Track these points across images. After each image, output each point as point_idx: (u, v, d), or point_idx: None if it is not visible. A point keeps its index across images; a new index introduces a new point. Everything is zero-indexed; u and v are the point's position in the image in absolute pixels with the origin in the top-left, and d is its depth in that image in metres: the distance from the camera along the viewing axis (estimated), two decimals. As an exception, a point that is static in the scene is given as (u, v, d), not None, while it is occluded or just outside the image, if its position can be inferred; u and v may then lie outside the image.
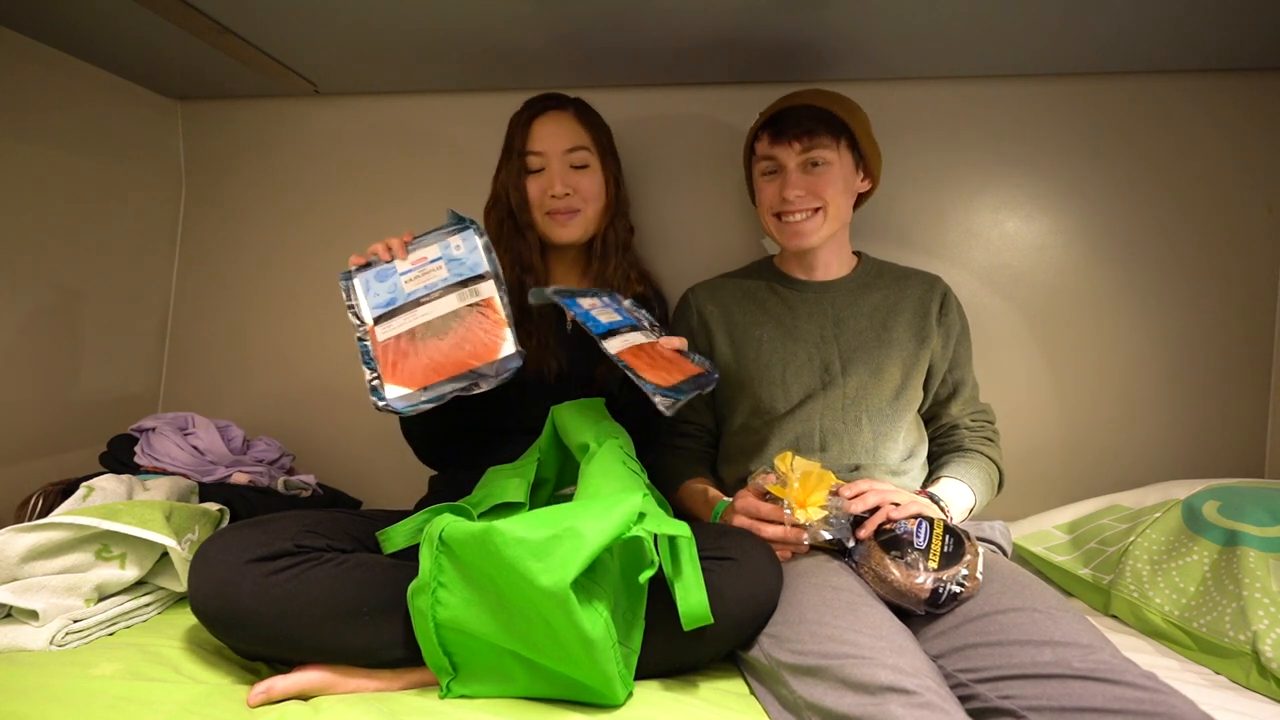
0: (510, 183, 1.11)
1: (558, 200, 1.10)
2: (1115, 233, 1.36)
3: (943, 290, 1.16)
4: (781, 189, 1.08)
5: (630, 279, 1.17)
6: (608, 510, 0.72)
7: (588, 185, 1.12)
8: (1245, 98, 1.32)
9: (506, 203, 1.12)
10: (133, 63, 1.36)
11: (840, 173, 1.08)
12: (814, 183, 1.07)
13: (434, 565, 0.74)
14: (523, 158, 1.10)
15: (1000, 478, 1.14)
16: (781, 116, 1.07)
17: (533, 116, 1.11)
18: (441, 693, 0.76)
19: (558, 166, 1.10)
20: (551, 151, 1.10)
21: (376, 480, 1.49)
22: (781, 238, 1.12)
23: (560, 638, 0.69)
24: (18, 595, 0.84)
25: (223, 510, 1.08)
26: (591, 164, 1.12)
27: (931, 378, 1.14)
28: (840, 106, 1.08)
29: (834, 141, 1.06)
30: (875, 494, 0.92)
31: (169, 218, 1.57)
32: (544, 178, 1.10)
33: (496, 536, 0.70)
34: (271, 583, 0.76)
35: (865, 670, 0.66)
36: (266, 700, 0.74)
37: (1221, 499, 1.00)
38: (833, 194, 1.07)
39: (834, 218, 1.09)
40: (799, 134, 1.06)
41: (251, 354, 1.57)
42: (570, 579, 0.66)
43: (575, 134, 1.11)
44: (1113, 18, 1.13)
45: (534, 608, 0.70)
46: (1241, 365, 1.34)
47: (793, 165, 1.07)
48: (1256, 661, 0.81)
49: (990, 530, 1.04)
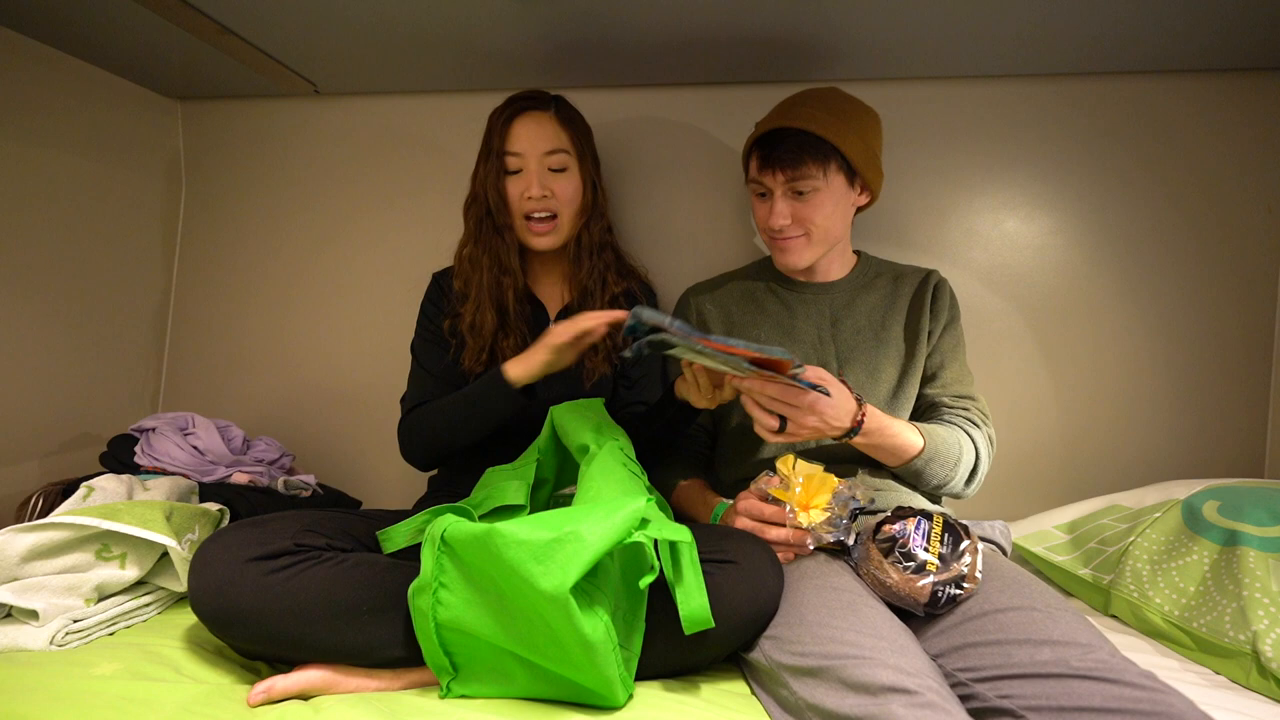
0: (489, 182, 1.10)
1: (534, 202, 1.09)
2: (1115, 233, 1.36)
3: (936, 280, 1.16)
4: (768, 215, 1.07)
5: (608, 281, 1.17)
6: (610, 514, 0.72)
7: (565, 188, 1.11)
8: (1245, 98, 1.32)
9: (485, 202, 1.11)
10: (133, 63, 1.36)
11: (829, 197, 1.06)
12: (800, 209, 1.06)
13: (435, 565, 0.74)
14: (501, 158, 1.09)
15: (977, 461, 1.05)
16: (769, 140, 1.05)
17: (512, 116, 1.10)
18: (441, 693, 0.76)
19: (535, 168, 1.09)
20: (530, 153, 1.09)
21: (376, 480, 1.50)
22: (774, 255, 1.13)
23: (560, 641, 0.69)
24: (18, 595, 0.84)
25: (223, 510, 1.08)
26: (570, 166, 1.12)
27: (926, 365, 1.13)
28: (830, 128, 1.03)
29: (820, 169, 1.03)
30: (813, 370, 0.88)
31: (169, 218, 1.57)
32: (522, 179, 1.10)
33: (498, 538, 0.70)
34: (271, 581, 0.76)
35: (866, 671, 0.66)
36: (267, 700, 0.74)
37: (1221, 499, 1.00)
38: (820, 218, 1.06)
39: (821, 240, 1.08)
40: (783, 165, 1.03)
41: (251, 354, 1.57)
42: (571, 583, 0.66)
43: (555, 136, 1.10)
44: (1113, 18, 1.13)
45: (534, 610, 0.70)
46: (1241, 365, 1.34)
47: (779, 193, 1.06)
48: (1256, 661, 0.81)
49: (990, 530, 1.04)
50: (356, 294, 1.54)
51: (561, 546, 0.68)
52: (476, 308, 1.12)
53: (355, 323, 1.54)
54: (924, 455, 1.00)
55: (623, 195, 1.45)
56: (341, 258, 1.55)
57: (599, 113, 1.42)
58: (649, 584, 0.73)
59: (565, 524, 0.70)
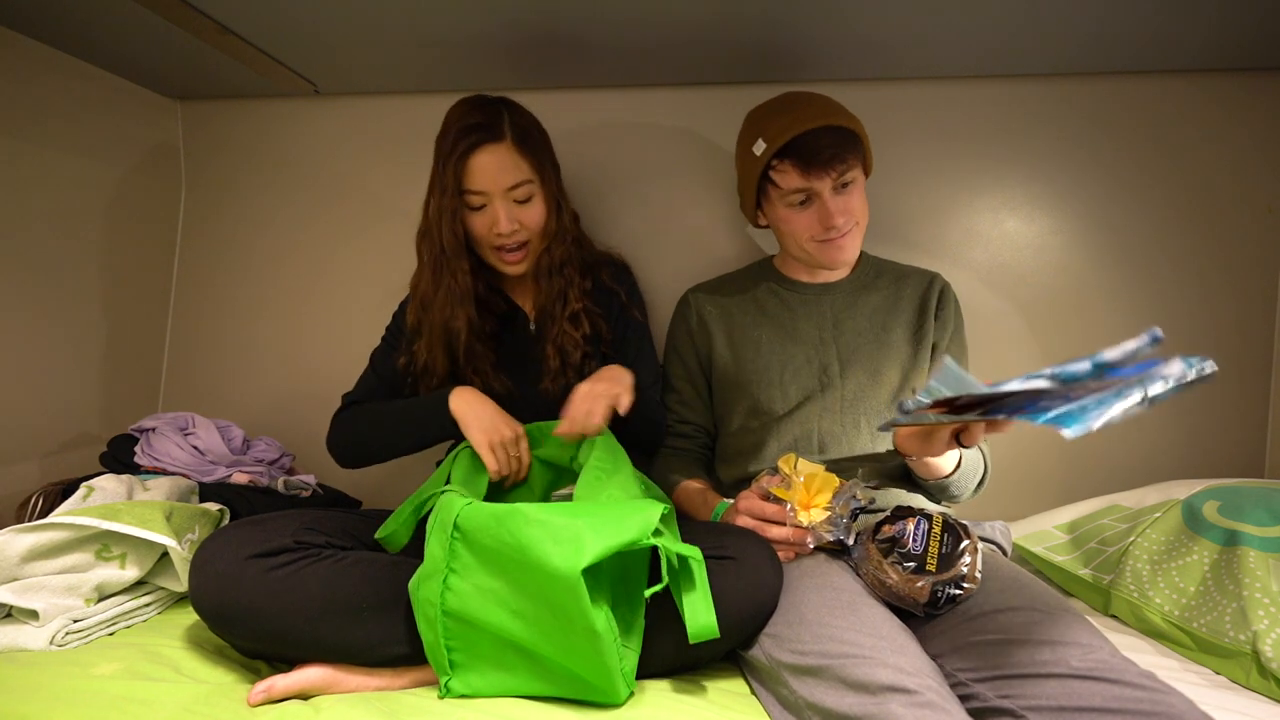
0: (443, 220, 1.05)
1: (505, 237, 1.07)
2: (1116, 233, 1.36)
3: (940, 286, 1.16)
4: (822, 218, 1.05)
5: (568, 298, 1.13)
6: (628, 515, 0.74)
7: (533, 217, 1.08)
8: (1246, 97, 1.32)
9: (438, 239, 1.06)
10: (133, 63, 1.36)
11: (860, 185, 1.09)
12: (848, 202, 1.06)
13: (447, 552, 0.75)
14: (462, 196, 1.04)
15: (985, 470, 1.09)
16: (804, 144, 1.03)
17: (467, 152, 1.03)
18: (441, 692, 0.76)
19: (501, 204, 1.05)
20: (493, 190, 1.04)
21: (376, 480, 1.49)
22: (823, 258, 1.09)
23: (568, 626, 0.70)
24: (18, 595, 0.84)
25: (223, 510, 1.08)
26: (535, 195, 1.08)
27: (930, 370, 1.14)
28: (852, 120, 1.07)
29: (857, 160, 1.06)
30: None
31: (169, 218, 1.57)
32: (487, 215, 1.06)
33: (519, 517, 0.72)
34: (271, 578, 0.76)
35: (866, 670, 0.66)
36: (267, 699, 0.74)
37: (1221, 499, 1.00)
38: (861, 207, 1.09)
39: (863, 229, 1.11)
40: (832, 162, 1.02)
41: (251, 354, 1.57)
42: (584, 564, 0.68)
43: (515, 168, 1.05)
44: (1113, 17, 1.13)
45: (544, 593, 0.71)
46: (1241, 365, 1.34)
47: (827, 193, 1.05)
48: (1256, 661, 0.81)
49: (990, 530, 1.04)
50: (356, 294, 1.54)
51: (578, 531, 0.71)
52: (429, 349, 1.10)
53: (355, 322, 1.54)
54: (956, 473, 1.03)
55: (621, 196, 1.45)
56: (341, 257, 1.55)
57: (598, 113, 1.43)
58: (647, 585, 0.74)
59: (585, 515, 0.73)
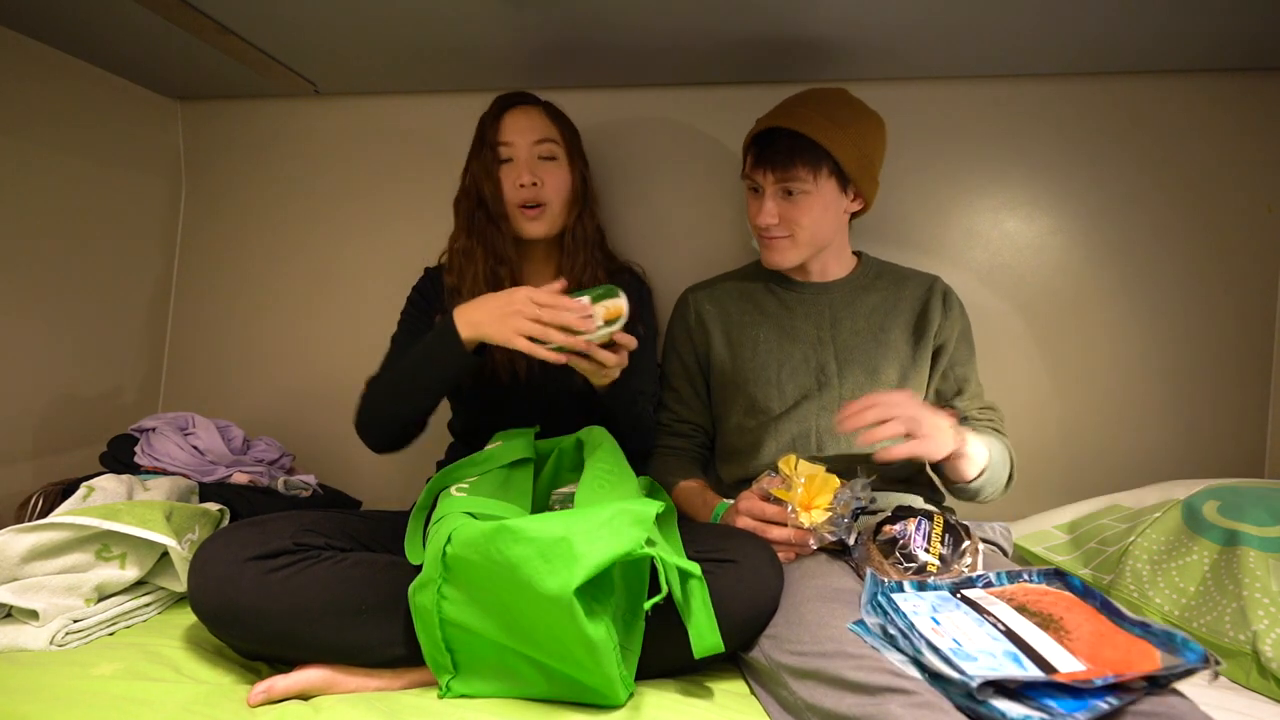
0: (482, 173, 1.12)
1: (525, 190, 1.11)
2: (1116, 232, 1.36)
3: (943, 289, 1.16)
4: (758, 212, 1.07)
5: (598, 277, 1.18)
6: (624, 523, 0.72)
7: (554, 177, 1.13)
8: (1245, 97, 1.31)
9: (477, 194, 1.13)
10: (133, 63, 1.36)
11: (818, 200, 1.05)
12: (789, 209, 1.05)
13: (440, 567, 0.74)
14: (494, 149, 1.12)
15: (1011, 469, 1.09)
16: (764, 138, 1.05)
17: (503, 110, 1.14)
18: (441, 692, 0.76)
19: (525, 156, 1.12)
20: (520, 142, 1.12)
21: (376, 480, 1.49)
22: (760, 252, 1.13)
23: (563, 640, 0.70)
24: (18, 595, 0.84)
25: (223, 510, 1.08)
26: (559, 156, 1.15)
27: (934, 375, 1.14)
28: (824, 132, 1.01)
29: (810, 173, 1.02)
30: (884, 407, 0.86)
31: (169, 218, 1.57)
32: (513, 168, 1.12)
33: (506, 535, 0.71)
34: (271, 580, 0.76)
35: (864, 671, 0.66)
36: (267, 700, 0.74)
37: (1221, 499, 1.00)
38: (807, 221, 1.06)
39: (807, 243, 1.08)
40: (774, 164, 1.03)
41: (251, 354, 1.57)
42: (575, 585, 0.66)
43: (544, 127, 1.14)
44: (1113, 17, 1.13)
45: (537, 611, 0.70)
46: (1241, 365, 1.34)
47: (769, 191, 1.06)
48: (1256, 661, 0.81)
49: (991, 530, 1.04)
50: (356, 293, 1.54)
51: (571, 547, 0.69)
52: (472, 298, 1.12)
53: (355, 322, 1.54)
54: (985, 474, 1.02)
55: (622, 195, 1.45)
56: (342, 257, 1.55)
57: (599, 113, 1.43)
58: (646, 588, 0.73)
59: (574, 525, 0.71)
